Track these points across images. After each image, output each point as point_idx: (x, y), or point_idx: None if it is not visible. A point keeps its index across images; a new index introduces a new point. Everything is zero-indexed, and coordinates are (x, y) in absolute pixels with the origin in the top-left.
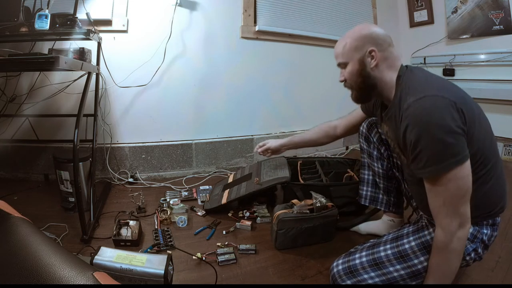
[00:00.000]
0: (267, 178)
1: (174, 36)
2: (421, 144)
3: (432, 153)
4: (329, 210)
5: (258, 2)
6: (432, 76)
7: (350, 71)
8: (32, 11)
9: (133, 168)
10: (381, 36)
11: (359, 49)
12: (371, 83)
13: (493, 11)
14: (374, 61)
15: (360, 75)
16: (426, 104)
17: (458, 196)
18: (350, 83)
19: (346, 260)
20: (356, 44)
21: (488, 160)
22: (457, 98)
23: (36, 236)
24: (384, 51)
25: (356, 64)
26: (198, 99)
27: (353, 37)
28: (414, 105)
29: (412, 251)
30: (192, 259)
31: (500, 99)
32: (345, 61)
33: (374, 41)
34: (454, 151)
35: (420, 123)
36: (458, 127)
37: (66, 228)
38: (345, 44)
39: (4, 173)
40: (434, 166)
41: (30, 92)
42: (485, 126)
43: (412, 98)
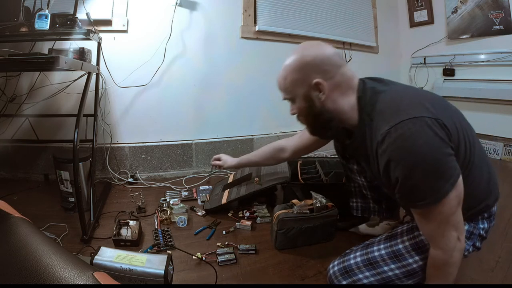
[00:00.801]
0: (267, 178)
1: (174, 36)
2: (411, 179)
3: (424, 187)
4: (329, 210)
5: (258, 2)
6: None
7: (299, 107)
8: (32, 11)
9: (133, 168)
10: (327, 59)
11: (302, 83)
12: (326, 118)
13: (493, 11)
14: (322, 94)
15: (310, 113)
16: (404, 133)
17: (453, 213)
18: (302, 119)
19: (341, 261)
20: (297, 77)
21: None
22: (435, 111)
23: (36, 236)
24: (333, 78)
25: (302, 101)
26: (198, 99)
27: (292, 68)
28: (391, 135)
29: (406, 250)
30: (192, 259)
31: (500, 99)
32: (289, 97)
33: (318, 69)
34: (447, 176)
35: (405, 157)
36: (446, 146)
37: (66, 228)
38: (286, 77)
39: (4, 173)
40: (429, 199)
41: (30, 92)
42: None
43: (385, 125)
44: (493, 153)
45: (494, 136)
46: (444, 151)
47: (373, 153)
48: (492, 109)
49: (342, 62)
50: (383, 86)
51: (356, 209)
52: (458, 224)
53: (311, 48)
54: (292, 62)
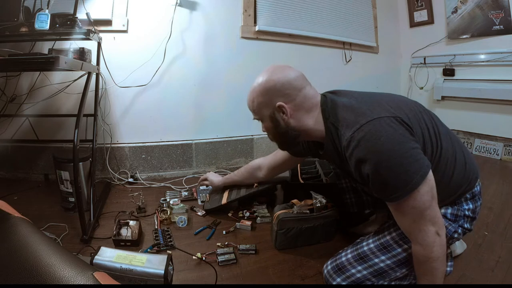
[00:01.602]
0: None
1: (174, 36)
2: (380, 175)
3: (394, 180)
4: (329, 210)
5: (258, 2)
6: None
7: (266, 127)
8: (32, 11)
9: (133, 168)
10: (287, 83)
11: (267, 105)
12: (292, 135)
13: (493, 11)
14: (285, 115)
15: (277, 132)
16: (366, 135)
17: (427, 207)
18: (271, 137)
19: (334, 260)
20: (262, 100)
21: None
22: (392, 110)
23: (36, 236)
24: (295, 100)
25: (269, 122)
26: (198, 99)
27: (258, 92)
28: (354, 139)
29: (394, 241)
30: (192, 259)
31: (500, 99)
32: (258, 117)
33: (280, 93)
34: (414, 169)
35: (369, 155)
36: (408, 141)
37: (66, 228)
38: (253, 100)
39: (4, 173)
40: (400, 191)
41: (30, 92)
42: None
43: (348, 131)
44: (493, 153)
45: (494, 136)
46: (407, 145)
47: (343, 157)
48: (492, 109)
49: (303, 84)
50: (341, 97)
51: (351, 205)
52: (435, 219)
53: (275, 73)
54: (257, 86)
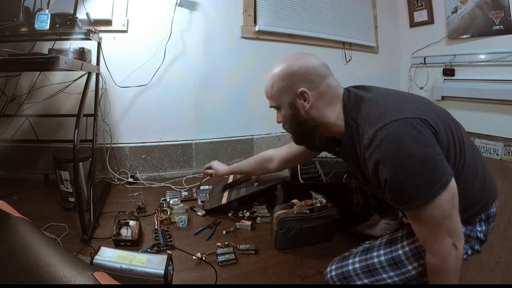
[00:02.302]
0: (267, 178)
1: (174, 36)
2: (399, 181)
3: (413, 188)
4: (329, 210)
5: (258, 2)
6: (381, 93)
7: (284, 115)
8: (32, 11)
9: (133, 168)
10: (312, 69)
11: (288, 91)
12: (310, 126)
13: (493, 11)
14: (307, 103)
15: (295, 121)
16: (390, 135)
17: (446, 217)
18: (287, 127)
19: (339, 266)
20: (283, 85)
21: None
22: (420, 112)
23: (36, 236)
24: (318, 88)
25: (288, 109)
26: (198, 99)
27: (279, 77)
28: (377, 138)
29: (406, 257)
30: (192, 259)
31: (500, 99)
32: (275, 104)
33: (304, 78)
34: (436, 176)
35: (391, 158)
36: (434, 146)
37: (66, 228)
38: (272, 85)
39: (4, 173)
40: (418, 201)
41: (30, 92)
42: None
43: (371, 129)
44: (493, 153)
45: (494, 136)
46: (431, 150)
47: (362, 157)
48: (492, 109)
49: (327, 73)
50: (366, 92)
51: (357, 206)
52: (454, 230)
53: (298, 58)
54: (279, 70)
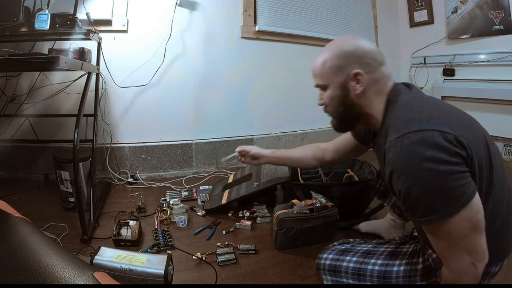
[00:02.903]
0: (267, 178)
1: (174, 36)
2: (414, 194)
3: (428, 203)
4: (329, 210)
5: (258, 2)
6: (420, 97)
7: (330, 96)
8: (32, 11)
9: (133, 168)
10: (369, 53)
11: (341, 70)
12: (356, 113)
13: (493, 11)
14: (360, 86)
15: (342, 103)
16: (411, 144)
17: (466, 235)
18: (331, 110)
19: (336, 258)
20: (337, 63)
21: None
22: (451, 125)
23: (36, 236)
24: (373, 73)
25: (337, 89)
26: (198, 99)
27: (334, 54)
28: (396, 145)
29: (396, 275)
30: (192, 259)
31: (500, 99)
32: (323, 83)
33: (360, 60)
34: (457, 193)
35: (407, 169)
36: (456, 163)
37: (66, 228)
38: (324, 62)
39: (4, 173)
40: (433, 215)
41: (30, 92)
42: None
43: (395, 134)
44: None
45: (494, 136)
46: (453, 168)
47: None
48: (492, 109)
49: (383, 60)
50: (407, 93)
51: (377, 191)
52: (474, 248)
53: (356, 39)
54: (333, 48)
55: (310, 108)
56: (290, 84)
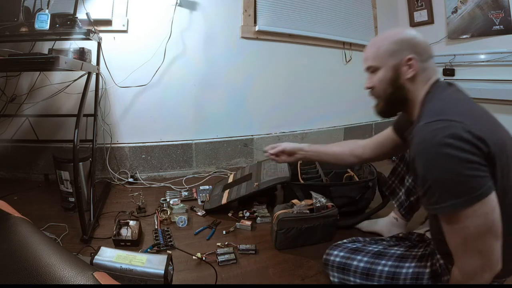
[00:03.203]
0: (267, 178)
1: (174, 36)
2: (431, 178)
3: (444, 188)
4: (329, 210)
5: (258, 2)
6: (460, 98)
7: (381, 78)
8: (32, 11)
9: (133, 168)
10: (423, 44)
11: (395, 55)
12: (402, 96)
13: (493, 11)
14: (411, 71)
15: (392, 85)
16: (435, 130)
17: (480, 234)
18: (379, 91)
19: (346, 257)
20: (393, 48)
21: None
22: (482, 126)
23: (36, 236)
24: (424, 62)
25: (389, 71)
26: (198, 99)
27: (390, 40)
28: (423, 129)
29: (404, 277)
30: (192, 259)
31: (500, 99)
32: (376, 65)
33: (415, 49)
34: (472, 184)
35: (428, 152)
36: (477, 156)
37: (66, 228)
38: (380, 46)
39: (4, 173)
40: (448, 202)
41: (30, 92)
42: None
43: (424, 120)
44: None
45: None
46: (471, 157)
47: None
48: (492, 109)
49: (432, 54)
50: (447, 88)
51: (388, 187)
52: (487, 253)
53: (411, 30)
54: (391, 34)
55: (310, 108)
56: (290, 84)
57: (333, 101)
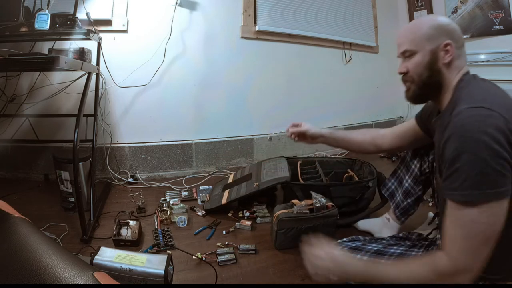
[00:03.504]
0: (267, 178)
1: (174, 36)
2: (461, 161)
3: (471, 175)
4: (329, 210)
5: (258, 2)
6: (498, 89)
7: (417, 62)
8: (32, 11)
9: (133, 168)
10: (458, 31)
11: (433, 39)
12: (437, 81)
13: (493, 11)
14: (448, 56)
15: (429, 69)
16: (479, 116)
17: (484, 236)
18: (413, 76)
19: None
20: (430, 32)
21: None
22: None
23: (36, 236)
24: (459, 49)
25: (427, 56)
26: (198, 99)
27: (428, 25)
28: (465, 113)
29: None
30: (192, 259)
31: None
32: (413, 49)
33: (450, 35)
34: (497, 180)
35: (466, 136)
36: (509, 154)
37: (66, 228)
38: (417, 31)
39: (4, 173)
40: (468, 191)
41: (30, 92)
42: None
43: (465, 104)
44: None
45: None
46: (503, 153)
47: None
48: None
49: (464, 42)
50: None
51: (387, 189)
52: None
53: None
54: (428, 19)
55: (310, 108)
56: (290, 84)
57: (333, 101)
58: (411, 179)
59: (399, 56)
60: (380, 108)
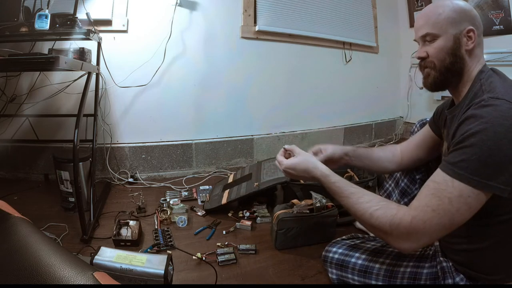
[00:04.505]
0: (267, 178)
1: (174, 36)
2: (477, 138)
3: (478, 156)
4: (329, 210)
5: (258, 2)
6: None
7: (440, 46)
8: (32, 11)
9: (133, 168)
10: (479, 18)
11: (456, 24)
12: (460, 68)
13: (493, 11)
14: (471, 43)
15: (452, 55)
16: (503, 105)
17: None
18: (434, 61)
19: (345, 254)
20: (454, 16)
21: None
22: None
23: (36, 236)
24: (480, 36)
25: (450, 41)
26: (198, 99)
27: (451, 7)
28: (489, 102)
29: (402, 276)
30: (192, 259)
31: None
32: (436, 32)
33: (473, 21)
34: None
35: (488, 120)
36: None
37: (66, 228)
38: (441, 13)
39: (4, 173)
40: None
41: (30, 92)
42: None
43: (490, 95)
44: None
45: None
46: None
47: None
48: None
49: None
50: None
51: (385, 190)
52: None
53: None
54: (450, 2)
55: (310, 108)
56: (290, 84)
57: (333, 101)
58: (407, 178)
59: (416, 40)
60: (380, 108)
